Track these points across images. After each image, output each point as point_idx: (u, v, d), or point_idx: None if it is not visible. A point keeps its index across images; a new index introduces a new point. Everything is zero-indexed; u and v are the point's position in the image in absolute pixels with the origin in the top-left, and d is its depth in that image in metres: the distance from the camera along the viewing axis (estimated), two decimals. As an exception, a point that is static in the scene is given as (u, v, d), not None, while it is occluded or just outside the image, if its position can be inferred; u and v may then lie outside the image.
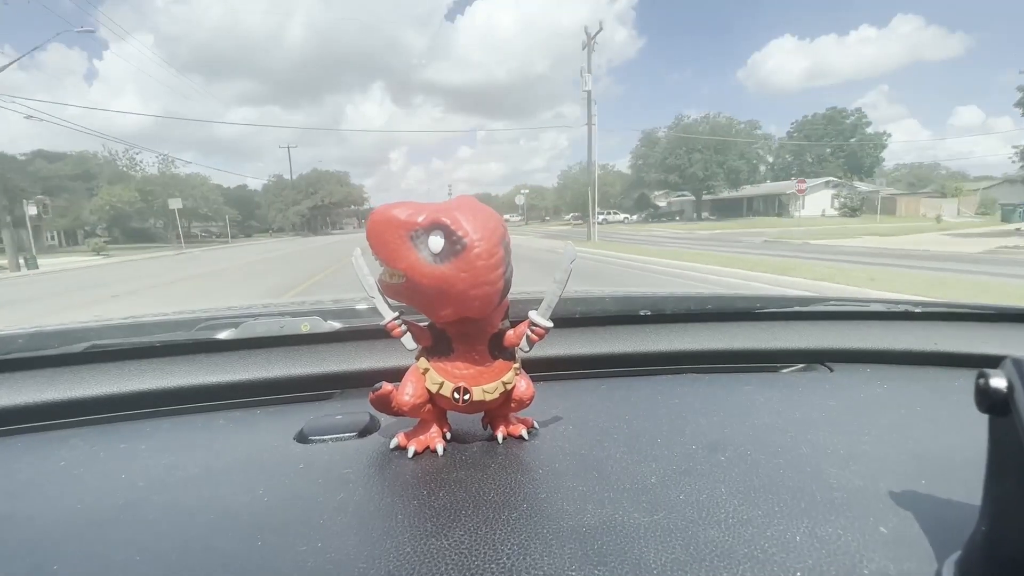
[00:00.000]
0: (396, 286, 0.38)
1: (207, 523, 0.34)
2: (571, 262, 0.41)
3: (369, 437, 0.47)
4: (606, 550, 0.30)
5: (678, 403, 0.55)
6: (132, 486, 0.40)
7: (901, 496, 0.35)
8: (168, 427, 0.52)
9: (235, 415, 0.54)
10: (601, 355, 0.67)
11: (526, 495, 0.37)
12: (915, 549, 0.30)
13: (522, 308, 0.45)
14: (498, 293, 0.37)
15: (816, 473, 0.39)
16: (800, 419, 0.50)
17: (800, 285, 5.57)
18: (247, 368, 0.60)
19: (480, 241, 0.35)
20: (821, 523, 0.32)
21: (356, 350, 0.63)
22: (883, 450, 0.43)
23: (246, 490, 0.38)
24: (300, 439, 0.46)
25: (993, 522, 0.24)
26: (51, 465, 0.44)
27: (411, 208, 0.37)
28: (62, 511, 0.37)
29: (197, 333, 0.63)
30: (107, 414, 0.54)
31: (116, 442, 0.48)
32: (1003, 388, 0.22)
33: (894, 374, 0.64)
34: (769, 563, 0.29)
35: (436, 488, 0.38)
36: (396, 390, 0.43)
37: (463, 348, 0.42)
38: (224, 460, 0.44)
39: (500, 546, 0.31)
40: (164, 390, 0.56)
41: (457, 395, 0.42)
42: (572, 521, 0.33)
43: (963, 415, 0.48)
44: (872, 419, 0.51)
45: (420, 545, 0.31)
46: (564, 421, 0.49)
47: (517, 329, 0.42)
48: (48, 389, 0.55)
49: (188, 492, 0.39)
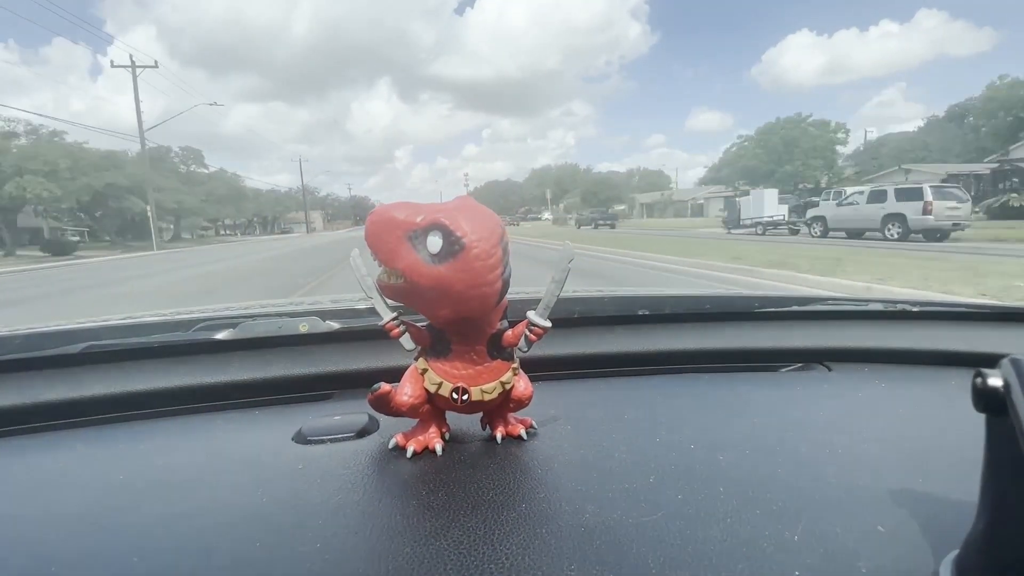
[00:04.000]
0: (395, 286, 0.38)
1: (205, 524, 0.34)
2: (569, 261, 0.41)
3: (368, 437, 0.47)
4: (605, 549, 0.30)
5: (677, 403, 0.55)
6: (130, 487, 0.40)
7: (899, 495, 0.35)
8: (166, 428, 0.52)
9: (233, 416, 0.54)
10: (600, 355, 0.67)
11: (525, 495, 0.37)
12: (913, 548, 0.30)
13: (520, 308, 0.45)
14: (496, 294, 0.37)
15: (814, 472, 0.39)
16: (798, 418, 0.50)
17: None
18: (245, 368, 0.60)
19: (478, 242, 0.35)
20: (819, 522, 0.33)
21: (354, 350, 0.63)
22: (881, 449, 0.43)
23: (244, 491, 0.38)
24: (298, 440, 0.46)
25: (991, 520, 0.24)
26: (49, 466, 0.44)
27: (409, 208, 0.37)
28: (60, 512, 0.37)
29: (195, 333, 0.63)
30: (105, 415, 0.54)
31: (114, 443, 0.48)
32: (1000, 387, 0.22)
33: (892, 373, 0.64)
34: (768, 562, 0.29)
35: (435, 488, 0.38)
36: (395, 390, 0.43)
37: (461, 348, 0.42)
38: (222, 461, 0.44)
39: (499, 546, 0.31)
40: (162, 391, 0.56)
41: (456, 395, 0.42)
42: (571, 521, 0.33)
43: (961, 414, 0.48)
44: (870, 418, 0.51)
45: (419, 546, 0.31)
46: (563, 421, 0.49)
47: (515, 329, 0.42)
48: (46, 390, 0.54)
49: (186, 493, 0.38)
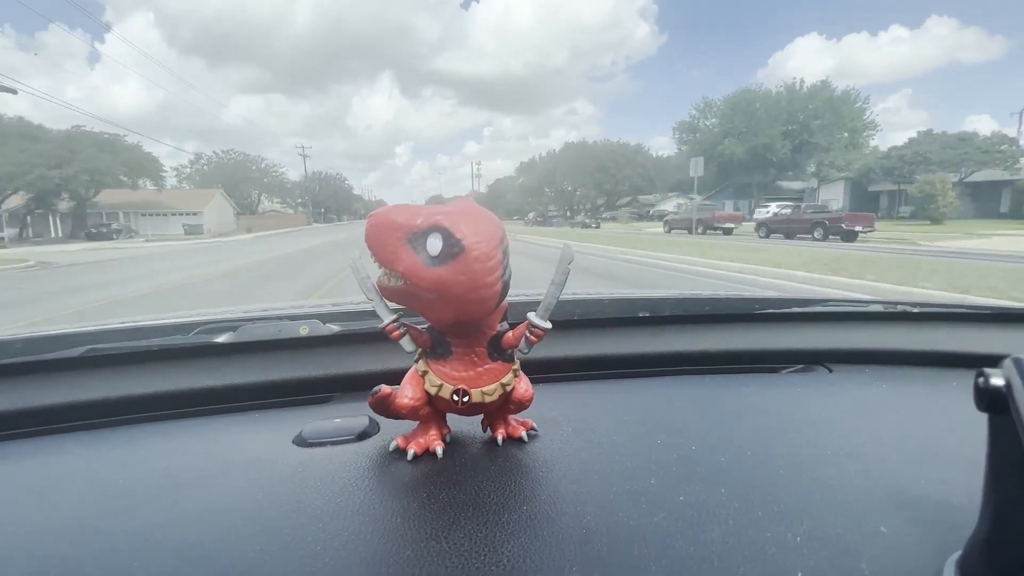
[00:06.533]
0: (395, 289, 0.38)
1: (206, 527, 0.34)
2: (569, 263, 0.41)
3: (368, 440, 0.47)
4: (607, 551, 0.30)
5: (678, 404, 0.55)
6: (131, 490, 0.39)
7: (901, 496, 0.35)
8: (167, 431, 0.52)
9: (234, 419, 0.54)
10: (600, 356, 0.67)
11: (526, 497, 0.37)
12: (916, 548, 0.30)
13: (521, 310, 0.45)
14: (496, 296, 0.37)
15: (816, 473, 0.39)
16: (800, 420, 0.50)
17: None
18: (245, 372, 0.60)
19: (478, 244, 0.35)
20: (822, 523, 0.32)
21: (355, 353, 0.63)
22: (883, 450, 0.43)
23: (245, 494, 0.38)
24: (299, 443, 0.46)
25: (994, 521, 0.24)
26: (50, 470, 0.44)
27: (409, 211, 0.37)
28: (61, 516, 0.36)
29: (195, 337, 0.63)
30: (106, 418, 0.54)
31: (115, 446, 0.48)
32: (1002, 387, 0.22)
33: (893, 374, 0.64)
34: (770, 564, 0.29)
35: (436, 490, 0.38)
36: (395, 393, 0.43)
37: (462, 350, 0.42)
38: (223, 464, 0.44)
39: (501, 548, 0.31)
40: (163, 394, 0.56)
41: (456, 397, 0.42)
42: (572, 522, 0.33)
43: (962, 415, 0.48)
44: (872, 419, 0.51)
45: (420, 548, 0.31)
46: (564, 423, 0.49)
47: (516, 331, 0.42)
48: (47, 393, 0.54)
49: (186, 496, 0.38)
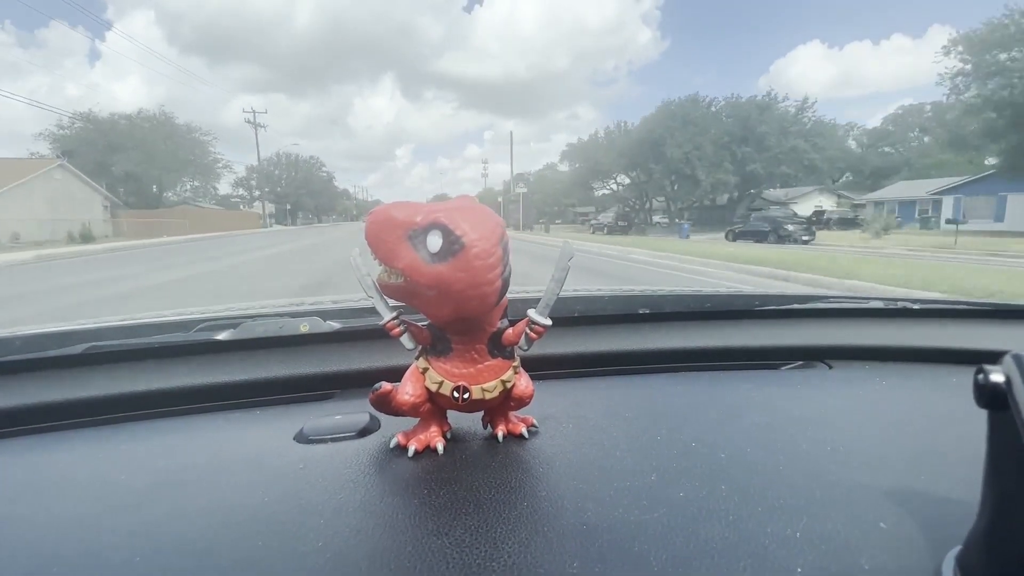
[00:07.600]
0: (395, 286, 0.38)
1: (207, 524, 0.34)
2: (569, 260, 0.41)
3: (369, 437, 0.47)
4: (607, 548, 0.30)
5: (678, 401, 0.55)
6: (132, 487, 0.40)
7: (901, 492, 0.35)
8: (167, 428, 0.52)
9: (234, 416, 0.54)
10: (600, 353, 0.67)
11: (526, 493, 0.37)
12: (915, 544, 0.30)
13: (521, 307, 0.45)
14: (496, 293, 0.37)
15: (816, 470, 0.39)
16: (799, 416, 0.50)
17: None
18: (246, 369, 0.60)
19: (478, 241, 0.35)
20: (821, 519, 0.33)
21: (355, 350, 0.63)
22: (883, 446, 0.43)
23: (246, 491, 0.38)
24: (300, 439, 0.46)
25: (993, 517, 0.24)
26: (51, 467, 0.44)
27: (409, 208, 0.37)
28: (61, 513, 0.37)
29: (196, 334, 0.63)
30: (106, 416, 0.54)
31: (115, 444, 0.48)
32: (1001, 383, 0.22)
33: (893, 371, 0.64)
34: (769, 560, 0.29)
35: (436, 487, 0.38)
36: (396, 390, 0.43)
37: (462, 347, 0.42)
38: (224, 461, 0.44)
39: (501, 544, 0.31)
40: (163, 391, 0.56)
41: (457, 394, 0.42)
42: (573, 519, 0.33)
43: (961, 411, 0.48)
44: (871, 416, 0.51)
45: (421, 544, 0.31)
46: (564, 419, 0.49)
47: (516, 328, 0.42)
48: (47, 390, 0.54)
49: (188, 493, 0.38)
